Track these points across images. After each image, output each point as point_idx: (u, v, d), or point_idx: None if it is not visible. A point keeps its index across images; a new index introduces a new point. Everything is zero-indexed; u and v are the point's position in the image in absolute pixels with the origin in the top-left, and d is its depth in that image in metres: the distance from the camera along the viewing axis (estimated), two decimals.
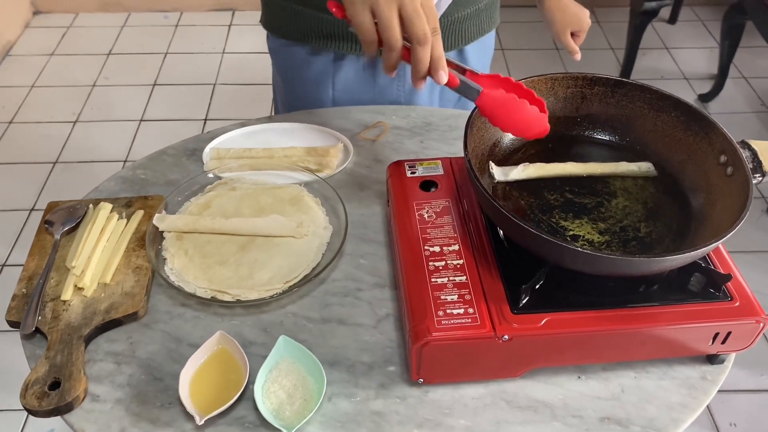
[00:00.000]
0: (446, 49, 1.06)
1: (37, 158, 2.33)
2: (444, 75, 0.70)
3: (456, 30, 1.06)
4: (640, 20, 2.50)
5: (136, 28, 3.04)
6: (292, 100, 1.14)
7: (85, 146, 2.39)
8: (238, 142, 1.03)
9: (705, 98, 2.61)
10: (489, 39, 1.15)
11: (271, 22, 1.09)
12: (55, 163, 2.32)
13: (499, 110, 0.71)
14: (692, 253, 0.62)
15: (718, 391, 0.73)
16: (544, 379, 0.73)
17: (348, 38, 1.02)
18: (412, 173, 0.85)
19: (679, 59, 2.86)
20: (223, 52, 2.88)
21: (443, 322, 0.67)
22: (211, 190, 0.93)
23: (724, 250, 0.75)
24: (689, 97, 2.63)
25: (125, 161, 2.32)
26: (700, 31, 3.05)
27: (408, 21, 0.67)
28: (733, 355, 0.75)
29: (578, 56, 1.16)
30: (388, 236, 0.88)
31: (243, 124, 1.06)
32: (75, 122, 2.49)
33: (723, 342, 0.71)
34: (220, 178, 0.95)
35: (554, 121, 0.84)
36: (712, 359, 0.74)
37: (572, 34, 1.17)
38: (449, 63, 0.72)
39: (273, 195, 0.92)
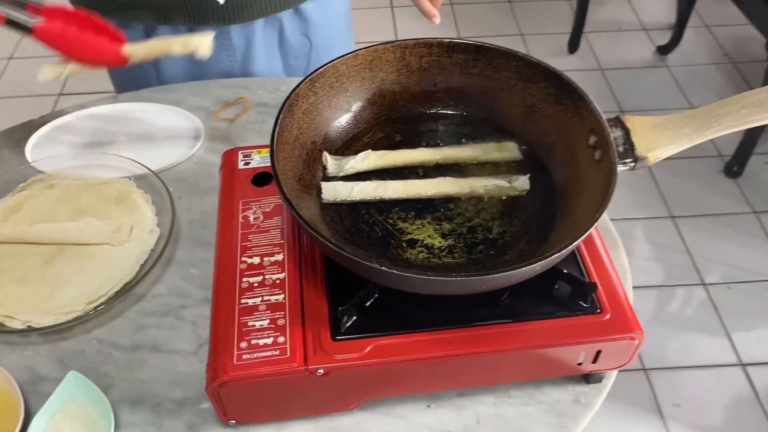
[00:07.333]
0: (279, 8, 0.91)
1: None
2: None
3: None
4: None
5: None
6: (119, 81, 0.99)
7: None
8: (74, 130, 0.88)
9: (664, 50, 2.45)
10: None
11: None
12: None
13: (60, 42, 0.71)
14: (527, 268, 0.49)
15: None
16: (385, 410, 0.61)
17: (153, 8, 0.87)
18: (245, 164, 0.71)
19: (638, 8, 2.69)
20: None
21: (245, 356, 0.55)
22: (24, 189, 0.79)
23: (602, 247, 0.63)
24: (648, 50, 2.48)
25: None
26: None
27: None
28: (614, 372, 0.63)
29: (437, 20, 1.00)
30: None
31: (82, 107, 0.91)
32: None
33: (594, 361, 0.59)
34: (42, 172, 0.81)
35: (409, 98, 0.70)
36: (588, 378, 0.63)
37: None
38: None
39: (96, 192, 0.78)
